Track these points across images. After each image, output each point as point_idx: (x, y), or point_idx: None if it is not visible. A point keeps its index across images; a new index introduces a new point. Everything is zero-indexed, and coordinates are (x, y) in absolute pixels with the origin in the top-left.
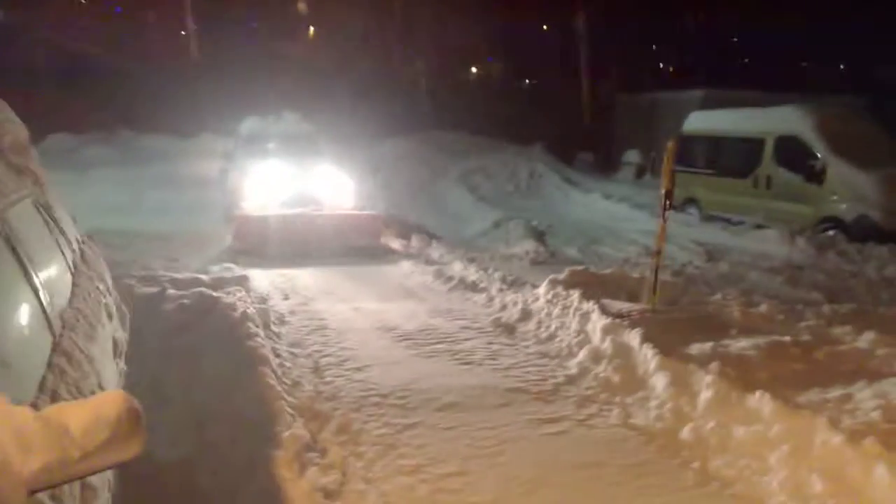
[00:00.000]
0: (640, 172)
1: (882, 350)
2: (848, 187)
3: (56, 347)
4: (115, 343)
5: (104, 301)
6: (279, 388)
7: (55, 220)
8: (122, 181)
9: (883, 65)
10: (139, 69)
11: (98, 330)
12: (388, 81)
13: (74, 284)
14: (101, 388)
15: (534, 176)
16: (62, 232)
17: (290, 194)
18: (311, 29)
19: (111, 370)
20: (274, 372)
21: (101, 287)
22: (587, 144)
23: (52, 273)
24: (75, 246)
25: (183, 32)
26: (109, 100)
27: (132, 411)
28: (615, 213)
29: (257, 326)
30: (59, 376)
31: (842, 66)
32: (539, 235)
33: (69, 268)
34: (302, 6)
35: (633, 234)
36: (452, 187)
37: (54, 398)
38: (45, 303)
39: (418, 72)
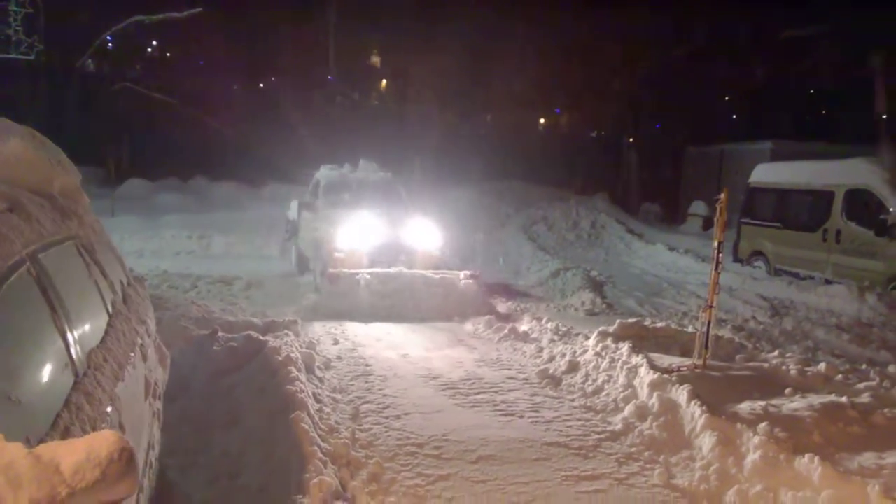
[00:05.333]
0: (707, 224)
1: None
2: None
3: (77, 386)
4: (148, 383)
5: (140, 342)
6: (313, 434)
7: (97, 263)
8: (192, 227)
9: None
10: (213, 120)
11: (127, 370)
12: (453, 132)
13: (109, 325)
14: (122, 426)
15: (596, 226)
16: (104, 274)
17: (381, 247)
18: (383, 82)
19: (140, 410)
20: (311, 417)
21: (140, 329)
22: (653, 195)
23: (83, 314)
24: (118, 288)
25: (261, 85)
26: (185, 148)
27: (124, 452)
28: (679, 265)
29: (299, 371)
30: (75, 414)
31: None
32: (597, 286)
33: (106, 309)
34: (375, 60)
35: (697, 287)
36: (513, 236)
37: (65, 435)
38: (70, 342)
39: (484, 122)
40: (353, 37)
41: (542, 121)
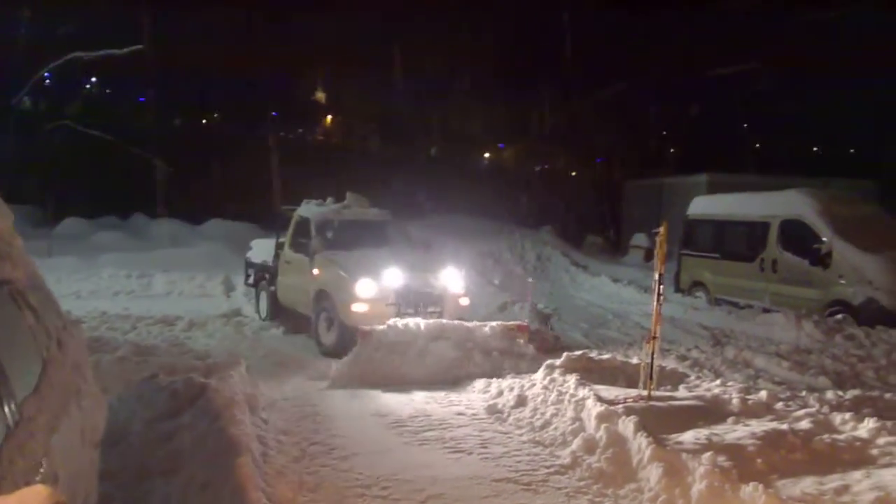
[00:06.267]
0: (648, 256)
1: (883, 439)
2: (855, 270)
3: (9, 438)
4: (84, 432)
5: (76, 389)
6: (258, 479)
7: (31, 308)
8: (132, 265)
9: (891, 149)
10: (153, 156)
11: (63, 420)
12: (397, 167)
13: (44, 373)
14: (57, 478)
15: (542, 259)
16: (38, 319)
17: (406, 296)
18: (328, 118)
19: (76, 460)
20: (255, 461)
21: (76, 375)
22: (596, 228)
23: (16, 362)
24: (53, 333)
25: (203, 121)
26: (124, 186)
27: None
28: (623, 296)
29: (243, 413)
30: (7, 468)
31: (851, 151)
32: (544, 319)
33: (41, 356)
34: (319, 95)
35: (641, 317)
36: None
37: None
38: (2, 393)
39: (429, 158)
40: (296, 72)
41: (486, 155)
